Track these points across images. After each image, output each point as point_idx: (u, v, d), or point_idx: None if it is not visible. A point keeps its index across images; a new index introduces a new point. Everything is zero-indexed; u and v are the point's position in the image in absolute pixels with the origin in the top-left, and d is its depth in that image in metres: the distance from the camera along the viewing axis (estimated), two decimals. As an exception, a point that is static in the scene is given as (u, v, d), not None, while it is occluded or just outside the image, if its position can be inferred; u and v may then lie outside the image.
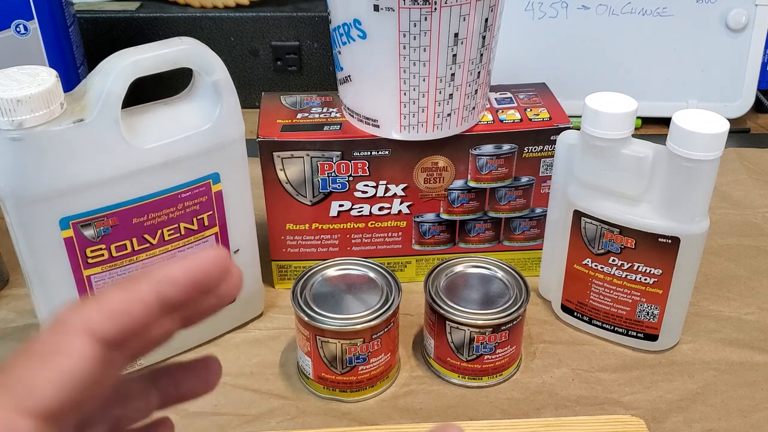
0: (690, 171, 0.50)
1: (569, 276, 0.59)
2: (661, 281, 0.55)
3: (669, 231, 0.53)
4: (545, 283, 0.64)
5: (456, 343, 0.55)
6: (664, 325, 0.57)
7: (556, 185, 0.59)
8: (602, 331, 0.60)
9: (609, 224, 0.55)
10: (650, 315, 0.57)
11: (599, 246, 0.56)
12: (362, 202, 0.62)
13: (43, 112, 0.45)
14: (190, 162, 0.52)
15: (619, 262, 0.56)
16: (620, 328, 0.59)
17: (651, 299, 0.56)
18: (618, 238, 0.55)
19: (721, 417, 0.53)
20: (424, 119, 0.57)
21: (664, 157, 0.51)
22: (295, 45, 0.96)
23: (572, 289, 0.60)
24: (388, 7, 0.51)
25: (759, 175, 0.83)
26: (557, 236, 0.59)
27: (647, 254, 0.54)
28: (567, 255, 0.59)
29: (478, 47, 0.54)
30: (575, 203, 0.56)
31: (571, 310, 0.61)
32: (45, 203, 0.47)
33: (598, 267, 0.57)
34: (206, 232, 0.55)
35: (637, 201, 0.54)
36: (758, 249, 0.72)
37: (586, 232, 0.56)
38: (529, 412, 0.54)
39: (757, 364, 0.58)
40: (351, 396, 0.55)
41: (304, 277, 0.56)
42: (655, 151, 0.52)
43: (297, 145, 0.59)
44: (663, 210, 0.53)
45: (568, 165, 0.56)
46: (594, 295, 0.59)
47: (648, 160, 0.52)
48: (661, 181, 0.52)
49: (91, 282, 0.51)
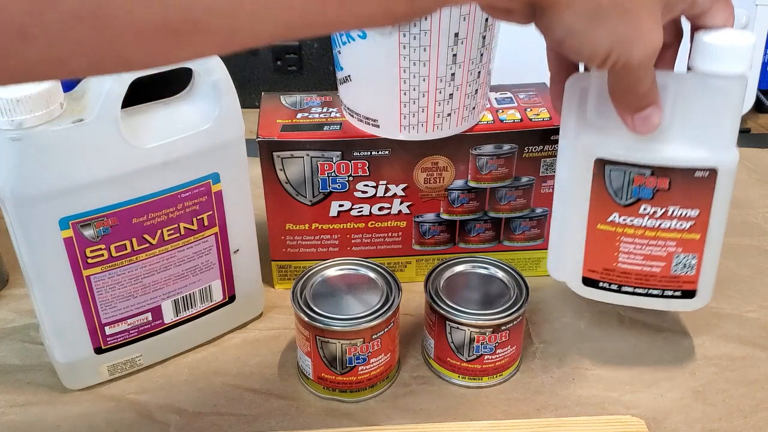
0: (719, 90, 0.47)
1: (591, 240, 0.53)
2: (697, 224, 0.51)
3: (706, 162, 0.49)
4: (557, 261, 0.57)
5: (456, 343, 0.55)
6: (702, 277, 0.53)
7: (566, 140, 0.53)
8: (633, 299, 0.54)
9: (639, 166, 0.50)
10: (687, 267, 0.52)
11: (628, 195, 0.51)
12: (362, 202, 0.62)
13: (43, 112, 0.45)
14: (189, 162, 0.52)
15: (651, 209, 0.51)
16: (654, 290, 0.54)
17: (688, 248, 0.52)
18: (650, 181, 0.50)
19: (722, 417, 0.53)
20: (424, 119, 0.57)
21: (688, 82, 0.47)
22: (295, 45, 0.96)
23: (596, 254, 0.54)
24: (388, 6, 0.51)
25: (759, 175, 0.83)
26: (572, 199, 0.53)
27: (683, 194, 0.50)
28: (588, 215, 0.53)
29: (479, 47, 0.54)
30: (596, 152, 0.51)
31: (595, 281, 0.55)
32: (45, 203, 0.47)
33: (626, 221, 0.52)
34: (206, 232, 0.55)
35: (665, 137, 0.49)
36: (758, 249, 0.72)
37: (611, 181, 0.51)
38: (529, 413, 0.54)
39: (759, 361, 0.58)
40: (351, 396, 0.55)
41: (304, 277, 0.56)
42: (676, 79, 0.48)
43: (297, 145, 0.59)
44: (694, 140, 0.49)
45: (580, 114, 0.51)
46: (623, 256, 0.53)
47: (670, 90, 0.47)
48: (688, 110, 0.48)
49: (91, 282, 0.51)
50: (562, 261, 0.56)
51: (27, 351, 0.59)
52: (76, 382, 0.55)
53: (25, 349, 0.59)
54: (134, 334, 0.55)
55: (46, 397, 0.55)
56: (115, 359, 0.55)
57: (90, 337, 0.53)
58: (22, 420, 0.53)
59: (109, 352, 0.55)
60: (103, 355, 0.55)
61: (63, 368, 0.55)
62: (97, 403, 0.55)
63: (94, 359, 0.54)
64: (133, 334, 0.55)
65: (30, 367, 0.58)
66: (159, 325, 0.56)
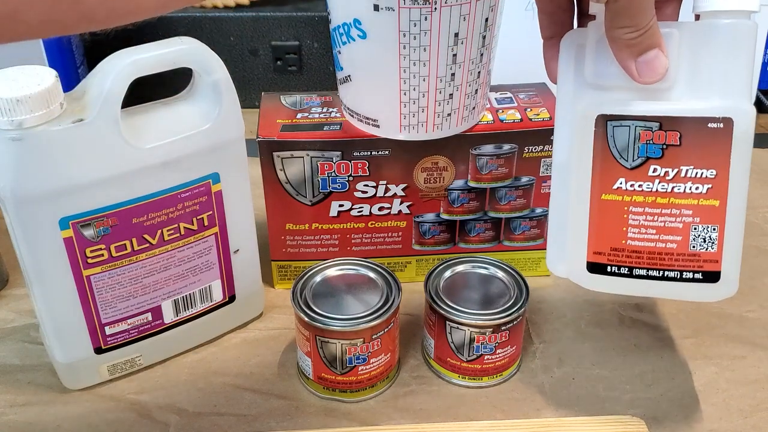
0: (727, 32, 0.43)
1: (596, 214, 0.48)
2: (716, 187, 0.45)
3: (720, 111, 0.44)
4: (558, 249, 0.51)
5: (456, 343, 0.55)
6: (726, 255, 0.46)
7: (564, 104, 0.48)
8: (649, 284, 0.47)
9: (646, 119, 0.45)
10: (708, 241, 0.46)
11: (635, 155, 0.46)
12: (362, 202, 0.62)
13: (43, 112, 0.45)
14: (189, 162, 0.52)
15: (662, 170, 0.45)
16: (671, 271, 0.47)
17: (707, 217, 0.46)
18: (658, 135, 0.45)
19: (722, 417, 0.53)
20: (424, 119, 0.57)
21: (692, 31, 0.44)
22: (295, 45, 0.96)
23: (602, 232, 0.48)
24: (388, 6, 0.51)
25: (759, 175, 0.83)
26: (572, 171, 0.48)
27: (696, 150, 0.45)
28: (591, 185, 0.47)
29: (479, 47, 0.54)
30: (597, 109, 0.46)
31: (603, 265, 0.48)
32: (45, 203, 0.47)
33: (635, 186, 0.46)
34: (206, 232, 0.55)
35: (671, 90, 0.45)
36: (759, 249, 0.72)
37: (615, 140, 0.46)
38: (529, 413, 0.54)
39: (759, 361, 0.58)
40: (351, 396, 0.55)
41: (304, 277, 0.56)
42: (680, 28, 0.44)
43: (297, 145, 0.59)
44: (705, 91, 0.44)
45: (577, 75, 0.47)
46: (632, 230, 0.47)
47: (674, 39, 0.44)
48: (695, 61, 0.44)
49: (91, 282, 0.51)
50: (563, 250, 0.50)
51: (27, 351, 0.59)
52: (76, 382, 0.55)
53: (25, 349, 0.59)
54: (134, 334, 0.55)
55: (46, 397, 0.55)
56: (115, 359, 0.55)
57: (90, 337, 0.53)
58: (22, 420, 0.53)
59: (109, 352, 0.55)
60: (103, 355, 0.55)
61: (63, 368, 0.55)
62: (97, 403, 0.55)
63: (94, 359, 0.54)
64: (133, 334, 0.55)
65: (30, 367, 0.58)
66: (159, 325, 0.56)
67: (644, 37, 0.42)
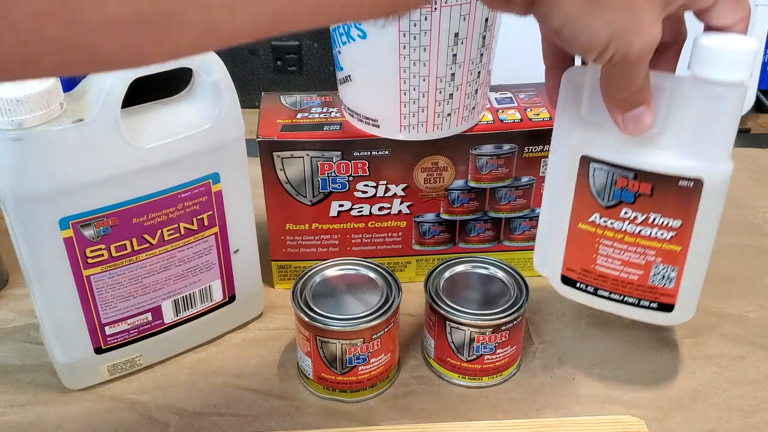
0: (714, 98, 0.45)
1: (572, 239, 0.52)
2: (679, 235, 0.49)
3: (691, 172, 0.47)
4: (541, 255, 0.55)
5: (456, 343, 0.55)
6: (681, 292, 0.50)
7: (559, 135, 0.52)
8: (609, 304, 0.53)
9: (622, 168, 0.48)
10: (666, 279, 0.50)
11: (610, 196, 0.49)
12: (362, 202, 0.62)
13: (43, 112, 0.45)
14: (189, 162, 0.52)
15: (632, 213, 0.49)
16: (630, 298, 0.52)
17: (668, 259, 0.50)
18: (632, 184, 0.48)
19: (722, 417, 0.53)
20: (424, 119, 0.57)
21: (683, 87, 0.45)
22: (295, 45, 0.96)
23: (575, 254, 0.53)
24: (388, 6, 0.51)
25: (759, 175, 0.83)
26: (558, 195, 0.52)
27: (665, 202, 0.48)
28: (570, 213, 0.51)
29: (479, 47, 0.54)
30: (582, 149, 0.49)
31: (573, 281, 0.53)
32: (45, 203, 0.47)
33: (607, 223, 0.50)
34: (206, 232, 0.55)
35: (654, 141, 0.47)
36: (758, 249, 0.72)
37: (594, 180, 0.49)
38: (529, 413, 0.54)
39: (759, 361, 0.58)
40: (351, 396, 0.55)
41: (304, 277, 0.56)
42: (673, 81, 0.46)
43: (297, 145, 0.59)
44: (683, 148, 0.47)
45: (573, 109, 0.50)
46: (601, 258, 0.51)
47: (665, 92, 0.46)
48: (680, 115, 0.46)
49: (91, 282, 0.51)
50: (546, 257, 0.55)
51: (27, 351, 0.59)
52: (76, 382, 0.55)
53: (25, 349, 0.59)
54: (134, 334, 0.55)
55: (46, 397, 0.55)
56: (115, 359, 0.55)
57: (90, 337, 0.53)
58: (22, 420, 0.53)
59: (109, 352, 0.55)
60: (103, 355, 0.55)
61: (63, 368, 0.55)
62: (97, 403, 0.55)
63: (94, 359, 0.54)
64: (133, 334, 0.55)
65: (30, 367, 0.58)
66: (159, 325, 0.56)
67: (634, 96, 0.43)
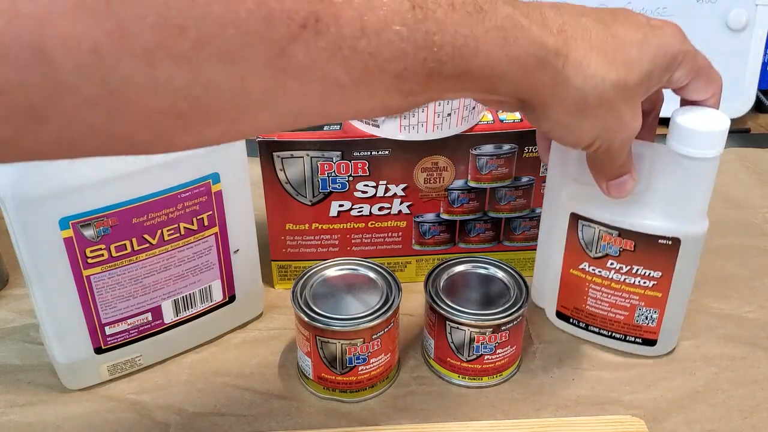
0: (690, 169, 0.50)
1: (565, 282, 0.59)
2: (660, 284, 0.55)
3: (669, 232, 0.52)
4: (538, 290, 0.62)
5: (456, 343, 0.55)
6: (663, 329, 0.57)
7: (551, 189, 0.57)
8: (599, 337, 0.59)
9: (607, 227, 0.54)
10: (649, 319, 0.57)
11: (597, 249, 0.55)
12: (362, 202, 0.62)
13: (43, 112, 0.45)
14: (189, 162, 0.52)
15: (617, 265, 0.55)
16: (618, 334, 0.58)
17: (650, 303, 0.56)
18: (617, 241, 0.54)
19: (722, 417, 0.53)
20: (424, 119, 0.57)
21: (663, 156, 0.51)
22: (295, 45, 0.96)
23: (568, 295, 0.59)
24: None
25: (759, 175, 0.83)
26: (552, 241, 0.58)
27: (647, 256, 0.54)
28: (563, 260, 0.58)
29: (478, 47, 0.54)
30: (572, 207, 0.55)
31: (567, 316, 0.60)
32: (45, 203, 0.47)
33: (595, 271, 0.56)
34: (206, 232, 0.55)
35: (635, 202, 0.53)
36: (758, 249, 0.72)
37: (583, 235, 0.55)
38: (529, 413, 0.54)
39: (759, 361, 0.58)
40: (351, 396, 0.55)
41: (304, 277, 0.56)
42: (653, 150, 0.51)
43: (297, 145, 0.59)
44: (663, 211, 0.52)
45: (563, 167, 0.55)
46: (591, 300, 0.58)
47: (646, 160, 0.51)
48: (660, 181, 0.52)
49: (91, 282, 0.51)
50: (541, 293, 0.62)
51: (27, 351, 0.59)
52: (76, 382, 0.55)
53: (25, 349, 0.59)
54: (134, 334, 0.55)
55: (46, 397, 0.55)
56: (115, 359, 0.55)
57: (90, 337, 0.53)
58: (22, 420, 0.53)
59: (109, 352, 0.55)
60: (103, 355, 0.55)
61: (63, 368, 0.55)
62: (97, 403, 0.55)
63: (94, 359, 0.54)
64: (133, 334, 0.55)
65: (30, 367, 0.58)
66: (159, 325, 0.56)
67: (617, 170, 0.48)
